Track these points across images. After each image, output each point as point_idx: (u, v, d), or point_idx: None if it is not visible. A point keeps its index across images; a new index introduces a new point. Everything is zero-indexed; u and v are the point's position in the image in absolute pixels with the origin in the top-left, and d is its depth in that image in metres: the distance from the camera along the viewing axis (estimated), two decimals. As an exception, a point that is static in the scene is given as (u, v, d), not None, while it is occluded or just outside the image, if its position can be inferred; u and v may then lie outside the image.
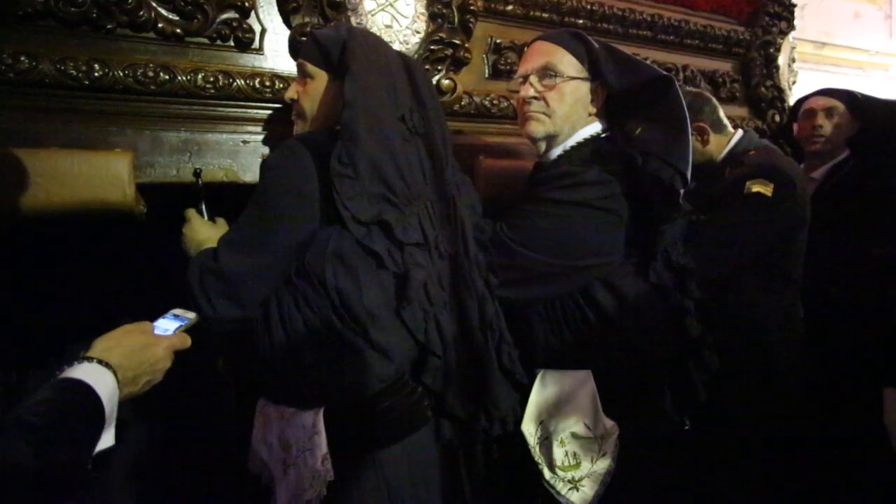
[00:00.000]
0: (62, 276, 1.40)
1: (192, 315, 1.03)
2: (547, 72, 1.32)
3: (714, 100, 1.83)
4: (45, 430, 0.66)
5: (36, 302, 1.29)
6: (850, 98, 1.99)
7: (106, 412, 0.76)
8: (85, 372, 0.77)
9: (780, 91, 2.28)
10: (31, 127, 1.24)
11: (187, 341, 0.97)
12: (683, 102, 1.22)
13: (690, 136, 1.20)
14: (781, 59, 2.28)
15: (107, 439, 0.77)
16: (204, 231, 1.23)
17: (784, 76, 2.29)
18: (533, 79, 1.34)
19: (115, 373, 0.80)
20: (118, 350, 0.83)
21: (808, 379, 1.71)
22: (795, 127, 2.11)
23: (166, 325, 0.98)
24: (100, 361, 0.79)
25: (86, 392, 0.74)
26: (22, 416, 0.67)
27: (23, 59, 1.21)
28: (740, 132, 1.80)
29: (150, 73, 1.32)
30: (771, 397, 1.63)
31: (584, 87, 1.34)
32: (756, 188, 1.56)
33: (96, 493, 1.32)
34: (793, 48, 2.37)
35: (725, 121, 1.82)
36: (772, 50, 2.25)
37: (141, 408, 0.87)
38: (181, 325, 0.99)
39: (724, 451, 1.57)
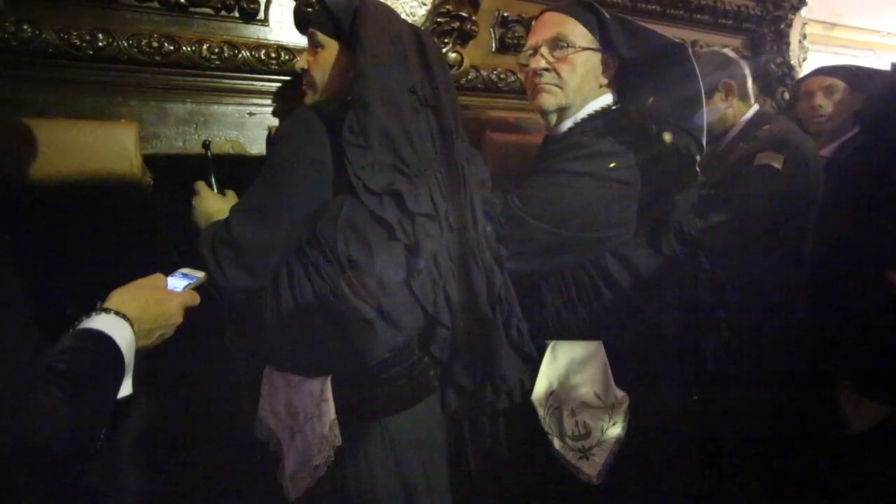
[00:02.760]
0: (71, 247, 1.42)
1: (200, 274, 1.06)
2: (558, 43, 1.33)
3: (746, 69, 1.84)
4: (72, 376, 0.69)
5: (44, 272, 1.31)
6: (848, 73, 2.00)
7: (125, 362, 0.79)
8: (103, 322, 0.80)
9: (790, 68, 2.29)
10: (35, 97, 1.26)
11: (197, 299, 1.01)
12: (697, 69, 1.24)
13: (705, 103, 1.21)
14: (792, 36, 2.28)
15: (125, 388, 0.80)
16: (214, 203, 1.25)
17: (795, 53, 2.30)
18: (544, 50, 1.34)
19: (131, 324, 0.83)
20: (134, 303, 0.86)
21: (812, 358, 1.73)
22: (797, 109, 2.13)
23: (175, 283, 1.01)
24: (117, 313, 0.82)
25: (106, 342, 0.77)
26: (50, 364, 0.70)
27: (26, 27, 1.22)
28: (756, 107, 1.82)
29: (155, 44, 1.33)
30: (773, 375, 1.66)
31: (596, 58, 1.34)
32: (765, 160, 1.58)
33: (106, 462, 1.35)
34: (804, 24, 2.38)
35: (752, 93, 1.83)
36: (782, 26, 2.25)
37: (149, 377, 0.91)
38: (190, 283, 1.02)
39: (730, 423, 1.60)
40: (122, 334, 0.80)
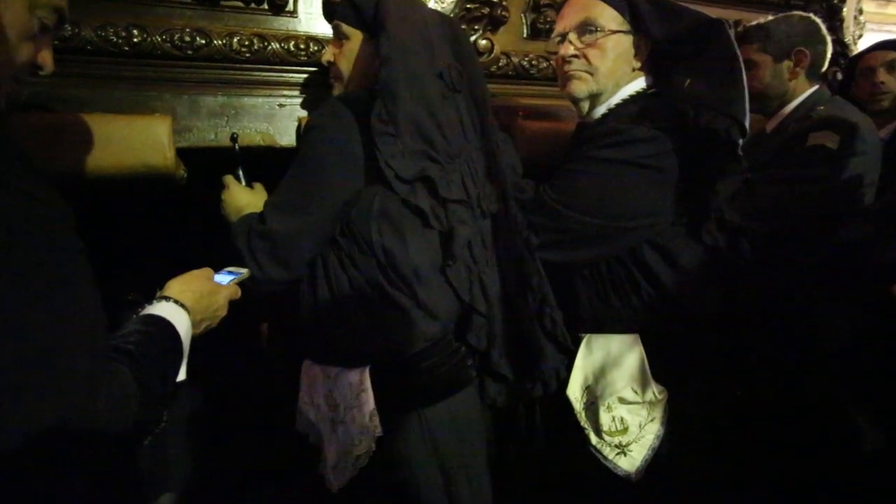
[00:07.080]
0: (110, 239, 1.49)
1: (244, 270, 1.13)
2: (586, 27, 1.32)
3: (828, 49, 1.75)
4: (139, 357, 0.75)
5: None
6: None
7: (183, 348, 0.86)
8: (164, 310, 0.87)
9: (844, 46, 2.20)
10: (75, 93, 1.33)
11: (238, 292, 1.08)
12: (736, 47, 1.21)
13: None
14: (847, 12, 2.19)
15: (181, 374, 0.87)
16: (243, 197, 1.30)
17: (849, 30, 2.21)
18: (572, 36, 1.34)
19: (189, 313, 0.90)
20: (190, 294, 0.93)
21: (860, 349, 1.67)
22: (854, 87, 2.04)
23: (221, 279, 1.08)
24: (177, 301, 0.90)
25: (168, 327, 0.85)
26: (118, 345, 0.76)
27: (66, 26, 1.29)
28: (816, 87, 1.75)
29: (187, 38, 1.39)
30: (817, 365, 1.60)
31: (627, 41, 1.33)
32: (819, 140, 1.51)
33: (157, 446, 1.42)
34: (859, -1, 2.28)
35: (822, 70, 1.76)
36: (835, 1, 2.16)
37: (190, 374, 0.96)
38: (234, 279, 1.09)
39: (775, 418, 1.56)
40: (181, 322, 0.87)
